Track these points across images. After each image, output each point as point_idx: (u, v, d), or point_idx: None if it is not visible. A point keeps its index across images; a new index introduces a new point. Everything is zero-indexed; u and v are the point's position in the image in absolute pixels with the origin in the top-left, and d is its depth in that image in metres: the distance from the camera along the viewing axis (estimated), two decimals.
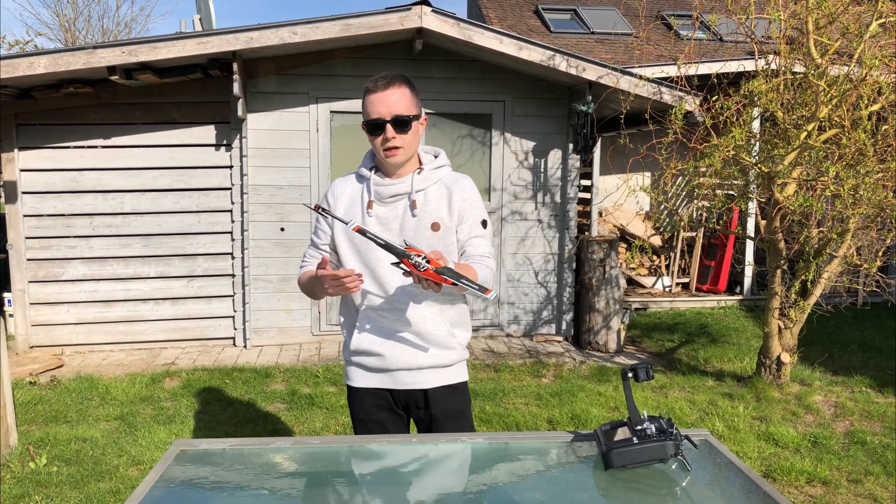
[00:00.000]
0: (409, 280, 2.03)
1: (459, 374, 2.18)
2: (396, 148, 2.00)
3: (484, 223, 2.11)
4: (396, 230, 2.06)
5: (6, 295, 6.24)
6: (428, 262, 1.74)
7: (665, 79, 5.95)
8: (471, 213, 2.10)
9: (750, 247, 8.14)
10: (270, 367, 5.60)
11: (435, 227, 2.06)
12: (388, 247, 1.78)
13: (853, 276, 6.90)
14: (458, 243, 2.10)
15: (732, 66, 6.03)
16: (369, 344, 2.11)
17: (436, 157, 2.15)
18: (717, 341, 6.63)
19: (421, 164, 2.11)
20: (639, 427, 1.63)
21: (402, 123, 1.98)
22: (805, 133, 4.66)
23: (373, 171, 2.11)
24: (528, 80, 6.33)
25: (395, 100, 1.97)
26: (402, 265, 1.78)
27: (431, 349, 2.11)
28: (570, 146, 6.44)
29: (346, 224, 1.84)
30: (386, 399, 2.17)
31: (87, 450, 4.03)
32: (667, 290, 8.59)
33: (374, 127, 1.99)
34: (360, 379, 2.18)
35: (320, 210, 1.93)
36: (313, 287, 2.08)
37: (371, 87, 1.99)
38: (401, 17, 5.45)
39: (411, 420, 2.25)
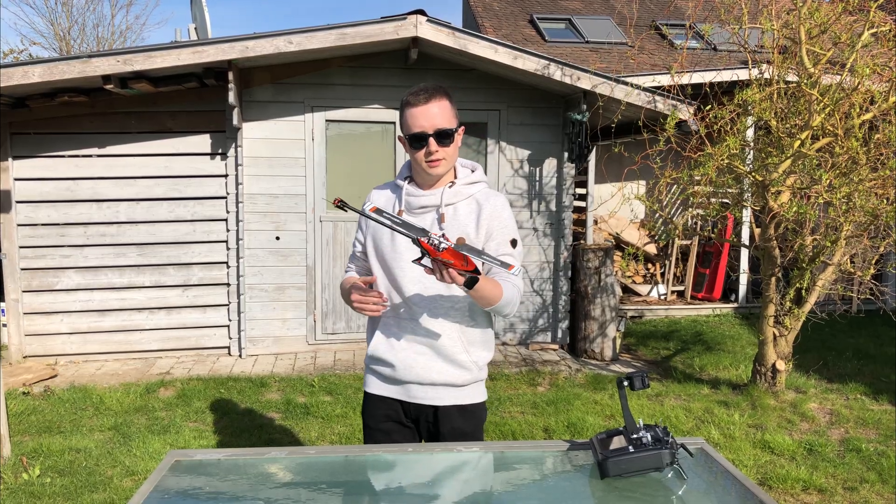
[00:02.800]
0: (432, 290, 2.02)
1: (473, 396, 2.14)
2: (439, 160, 2.01)
3: (513, 242, 2.07)
4: None
5: (0, 305, 6.21)
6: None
7: (659, 88, 5.98)
8: (500, 231, 2.06)
9: (745, 255, 8.16)
10: (266, 376, 5.59)
11: (461, 242, 2.03)
12: (405, 225, 1.72)
13: (847, 284, 6.92)
14: None
15: (726, 76, 6.07)
16: (384, 352, 2.11)
17: (472, 171, 2.14)
18: (712, 349, 6.64)
19: (455, 177, 2.11)
20: (635, 436, 1.63)
21: (444, 136, 1.99)
22: (798, 142, 4.69)
23: (407, 182, 2.12)
24: (524, 89, 6.35)
25: (436, 112, 1.98)
26: (423, 261, 1.73)
27: (445, 366, 2.08)
28: (565, 155, 6.46)
29: (362, 211, 1.79)
30: (396, 410, 2.15)
31: (81, 460, 4.00)
32: (662, 297, 8.60)
33: (416, 140, 1.99)
34: (375, 386, 2.17)
35: (339, 203, 1.84)
36: (346, 297, 2.12)
37: (412, 100, 2.00)
38: (396, 26, 5.47)
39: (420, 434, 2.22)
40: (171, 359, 6.13)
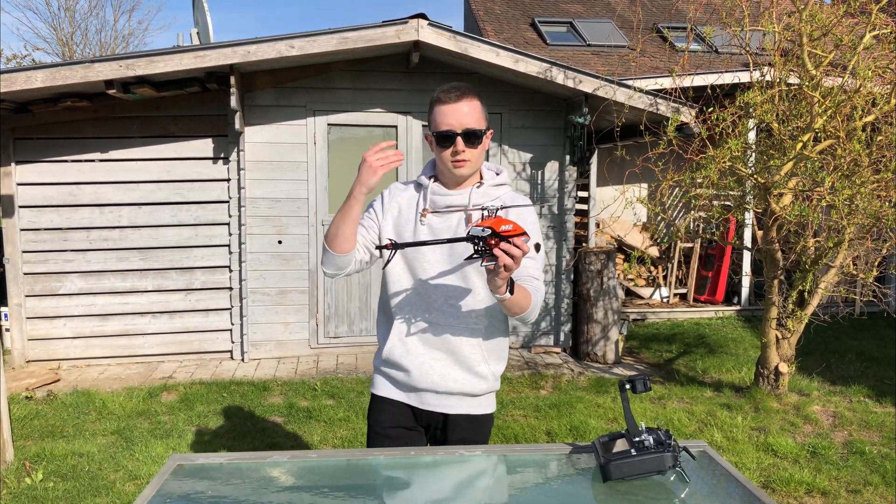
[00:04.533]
0: (456, 297, 1.99)
1: (485, 406, 2.11)
2: (465, 160, 1.96)
3: (537, 247, 1.98)
4: None
5: (3, 309, 6.21)
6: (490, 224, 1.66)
7: (660, 90, 5.99)
8: None
9: (747, 257, 8.15)
10: (268, 380, 5.59)
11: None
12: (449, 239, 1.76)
13: (850, 286, 6.91)
14: None
15: (727, 78, 6.07)
16: (400, 356, 2.06)
17: (497, 174, 2.10)
18: (715, 352, 6.63)
19: (482, 179, 2.07)
20: (637, 439, 1.63)
21: (472, 137, 1.95)
22: (800, 144, 4.69)
23: (431, 180, 2.08)
24: (525, 93, 6.36)
25: (466, 111, 1.94)
26: (473, 257, 1.67)
27: (462, 374, 2.05)
28: (567, 158, 6.46)
29: (418, 242, 1.81)
30: (406, 415, 2.11)
31: (84, 465, 4.01)
32: (664, 300, 8.59)
33: (443, 139, 1.95)
34: (384, 389, 2.13)
35: (392, 245, 1.82)
36: (344, 215, 1.96)
37: (443, 97, 1.95)
38: (398, 30, 5.48)
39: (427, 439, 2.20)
40: (174, 363, 6.13)
